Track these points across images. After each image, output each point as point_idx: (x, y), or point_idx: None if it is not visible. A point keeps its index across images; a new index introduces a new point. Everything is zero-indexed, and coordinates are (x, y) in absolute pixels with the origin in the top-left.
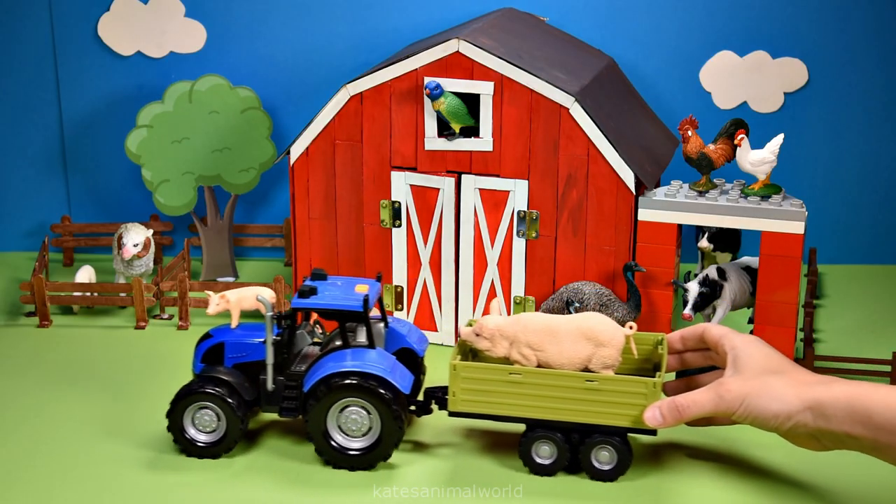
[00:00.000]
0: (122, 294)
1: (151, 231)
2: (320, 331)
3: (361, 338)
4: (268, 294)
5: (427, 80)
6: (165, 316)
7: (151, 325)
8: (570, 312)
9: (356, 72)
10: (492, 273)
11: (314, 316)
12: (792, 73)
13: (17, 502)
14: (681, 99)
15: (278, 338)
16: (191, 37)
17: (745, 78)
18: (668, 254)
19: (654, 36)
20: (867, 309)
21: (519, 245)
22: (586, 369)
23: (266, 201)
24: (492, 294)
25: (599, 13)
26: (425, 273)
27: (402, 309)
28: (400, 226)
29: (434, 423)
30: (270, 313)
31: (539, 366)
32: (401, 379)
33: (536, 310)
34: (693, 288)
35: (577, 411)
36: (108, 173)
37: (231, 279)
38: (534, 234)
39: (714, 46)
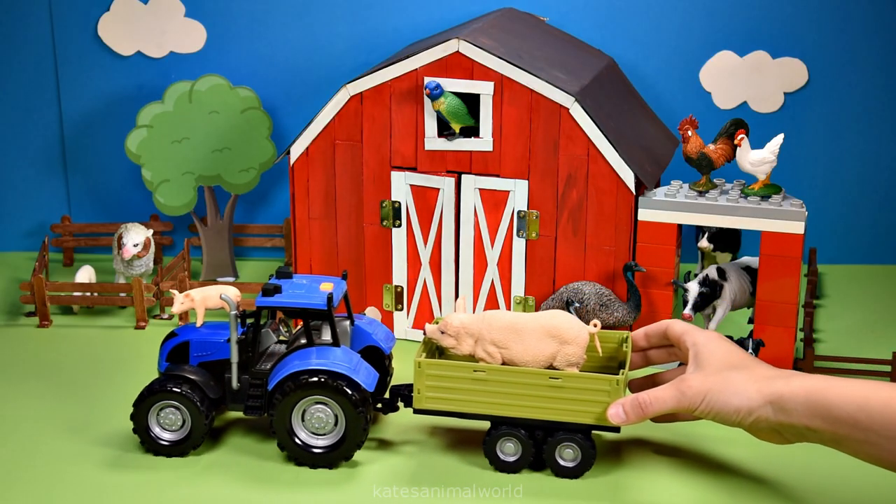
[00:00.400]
0: (122, 294)
1: (151, 231)
2: (285, 329)
3: (327, 336)
4: (232, 293)
5: (427, 79)
6: (165, 316)
7: (151, 324)
8: (571, 312)
9: (356, 72)
10: (492, 273)
11: (279, 315)
12: (792, 73)
13: (14, 501)
14: (681, 99)
15: (243, 336)
16: (191, 37)
17: (745, 78)
18: (668, 254)
19: (654, 36)
20: (867, 309)
21: (519, 245)
22: (551, 367)
23: (266, 201)
24: (492, 294)
25: (599, 13)
26: (425, 273)
27: (401, 309)
28: (400, 226)
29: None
30: (234, 312)
31: (504, 363)
32: (365, 377)
33: (537, 310)
34: (693, 288)
35: (541, 409)
36: (108, 173)
37: (231, 279)
38: (534, 234)
39: (714, 46)
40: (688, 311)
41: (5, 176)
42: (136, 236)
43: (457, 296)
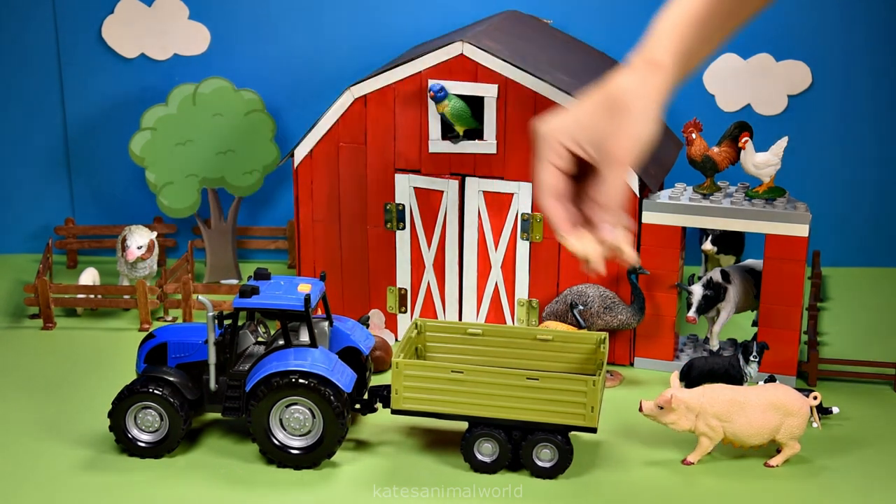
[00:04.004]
0: (126, 296)
1: (155, 233)
2: (264, 330)
3: (304, 337)
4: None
5: (431, 82)
6: (169, 318)
7: (155, 327)
8: (574, 315)
9: (360, 74)
10: (495, 276)
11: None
12: (795, 75)
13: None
14: (684, 101)
15: (220, 338)
16: (194, 39)
17: (748, 80)
18: (672, 256)
19: None
20: (871, 312)
21: (523, 248)
22: (773, 440)
23: (270, 203)
24: (496, 297)
25: (603, 16)
26: (429, 276)
27: (405, 311)
28: (403, 228)
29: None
30: (212, 313)
31: (725, 438)
32: (342, 377)
33: (540, 312)
34: (697, 291)
35: (518, 409)
36: (112, 176)
37: (234, 281)
38: (538, 237)
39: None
40: (692, 314)
41: (9, 178)
42: (139, 238)
43: (461, 299)
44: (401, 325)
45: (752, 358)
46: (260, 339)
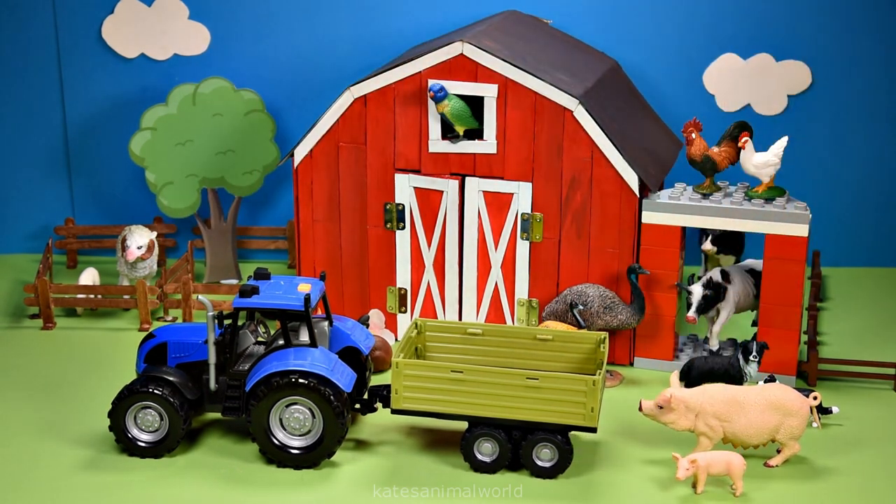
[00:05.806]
0: (126, 296)
1: (155, 233)
2: (264, 330)
3: (304, 337)
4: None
5: (431, 82)
6: (169, 318)
7: (155, 327)
8: (574, 315)
9: (360, 74)
10: (495, 276)
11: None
12: (795, 75)
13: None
14: (684, 101)
15: (220, 338)
16: (194, 39)
17: (748, 81)
18: (672, 256)
19: (658, 39)
20: (871, 312)
21: (523, 247)
22: (772, 440)
23: (270, 203)
24: (496, 296)
25: (603, 16)
26: (429, 275)
27: (405, 311)
28: (403, 228)
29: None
30: (212, 313)
31: (725, 438)
32: (342, 377)
33: (540, 312)
34: (697, 290)
35: (518, 409)
36: (112, 176)
37: (234, 281)
38: (538, 237)
39: (718, 49)
40: (692, 313)
41: (9, 178)
42: (139, 238)
43: (461, 298)
44: (401, 325)
45: (751, 358)
46: (260, 339)
